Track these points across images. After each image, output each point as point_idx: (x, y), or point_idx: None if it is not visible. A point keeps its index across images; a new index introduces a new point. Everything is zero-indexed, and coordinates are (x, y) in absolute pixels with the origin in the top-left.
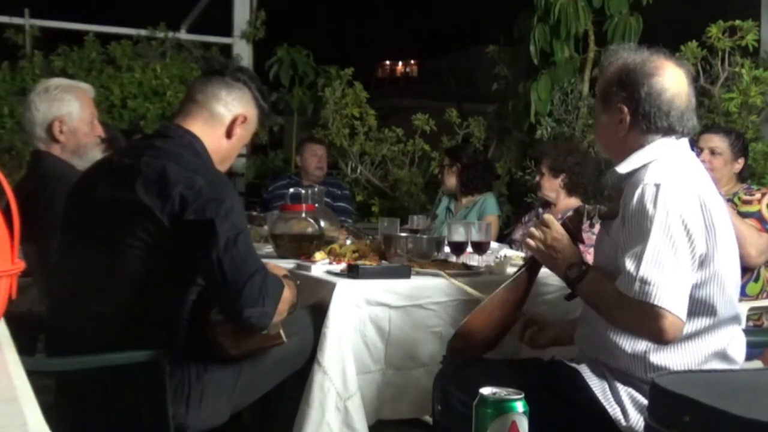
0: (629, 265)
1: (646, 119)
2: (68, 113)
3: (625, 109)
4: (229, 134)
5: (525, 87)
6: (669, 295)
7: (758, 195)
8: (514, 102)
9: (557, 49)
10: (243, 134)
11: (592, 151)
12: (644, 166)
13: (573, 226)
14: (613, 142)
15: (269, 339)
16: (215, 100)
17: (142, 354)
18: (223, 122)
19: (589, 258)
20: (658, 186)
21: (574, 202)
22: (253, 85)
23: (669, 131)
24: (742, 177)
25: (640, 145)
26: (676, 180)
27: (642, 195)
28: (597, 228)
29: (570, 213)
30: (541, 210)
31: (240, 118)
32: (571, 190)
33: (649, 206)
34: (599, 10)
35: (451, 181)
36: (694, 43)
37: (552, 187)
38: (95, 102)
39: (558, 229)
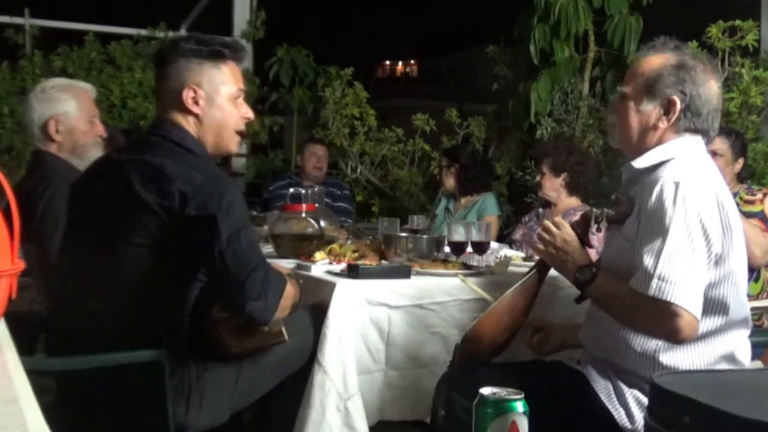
0: (647, 262)
1: (696, 117)
2: (64, 112)
3: (678, 102)
4: (190, 111)
5: (525, 87)
6: (686, 294)
7: (760, 195)
8: (514, 102)
9: (557, 49)
10: (215, 98)
11: (592, 151)
12: (662, 163)
13: (581, 230)
14: (642, 133)
15: (271, 337)
16: (170, 94)
17: (142, 354)
18: (183, 107)
19: (594, 257)
20: (677, 184)
21: (574, 201)
22: (181, 48)
23: (705, 134)
24: (740, 177)
25: (664, 140)
26: (695, 179)
27: (661, 193)
28: (603, 231)
29: (577, 217)
30: (541, 210)
31: (188, 92)
32: (572, 189)
33: (668, 204)
34: (599, 10)
35: (449, 181)
36: (694, 43)
37: (553, 186)
38: (95, 102)
39: (568, 232)
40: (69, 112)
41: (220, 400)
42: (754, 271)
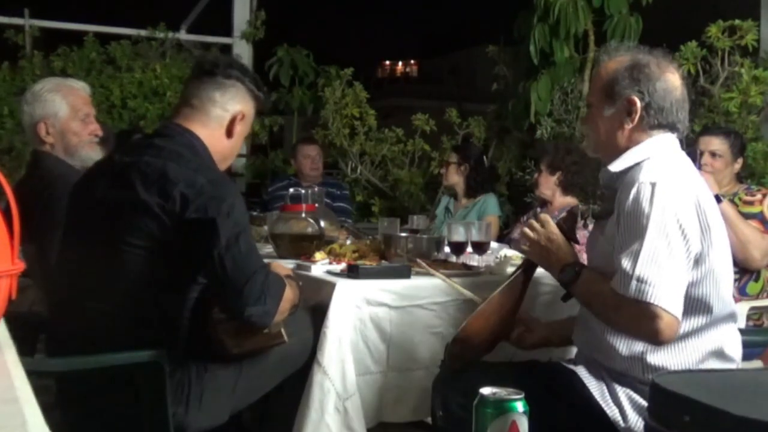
0: (625, 263)
1: (660, 113)
2: (54, 114)
3: (638, 102)
4: (229, 133)
5: (525, 87)
6: (665, 295)
7: (759, 196)
8: (514, 102)
9: (557, 49)
10: (243, 129)
11: None
12: (638, 164)
13: (567, 226)
14: (612, 137)
15: (271, 338)
16: (211, 103)
17: (142, 354)
18: (222, 124)
19: (583, 255)
20: (653, 185)
21: (570, 200)
22: (247, 79)
23: (673, 128)
24: (739, 177)
25: (636, 142)
26: (671, 179)
27: (638, 194)
28: (590, 227)
29: (564, 214)
30: (539, 209)
31: (239, 116)
32: (566, 188)
33: (645, 205)
34: (599, 10)
35: (453, 178)
36: (694, 43)
37: (548, 184)
38: (94, 102)
39: (553, 230)
40: (59, 113)
41: (220, 401)
42: (754, 272)
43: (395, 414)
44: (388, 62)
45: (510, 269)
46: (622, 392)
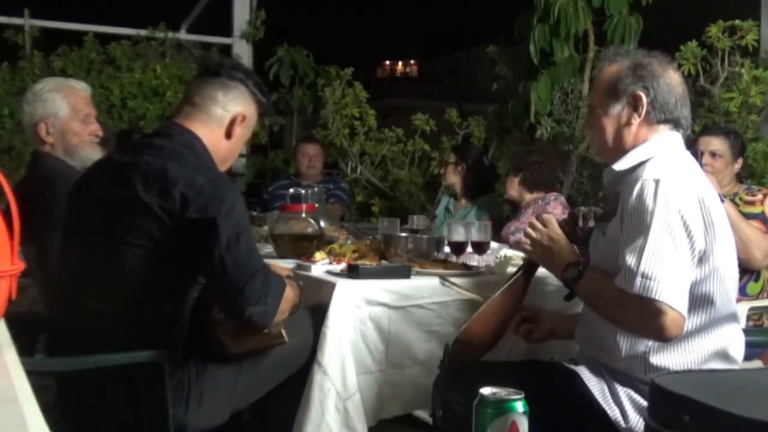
0: (629, 260)
1: (665, 107)
2: (54, 114)
3: (644, 97)
4: (228, 134)
5: (525, 87)
6: (671, 291)
7: (760, 196)
8: (514, 102)
9: (557, 49)
10: (243, 132)
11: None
12: (642, 163)
13: (569, 228)
14: (619, 136)
15: (271, 338)
16: (212, 102)
17: (142, 354)
18: (222, 124)
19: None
20: (657, 181)
21: (537, 195)
22: (250, 82)
23: (678, 124)
24: (740, 177)
25: (643, 139)
26: (675, 176)
27: (641, 191)
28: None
29: (565, 216)
30: (516, 212)
31: (239, 118)
32: (530, 186)
33: (649, 201)
34: (599, 9)
35: (452, 178)
36: (694, 43)
37: (513, 185)
38: (94, 102)
39: (555, 229)
40: (59, 113)
41: (220, 401)
42: (754, 272)
43: (393, 409)
44: (388, 62)
45: (510, 269)
46: (623, 392)
